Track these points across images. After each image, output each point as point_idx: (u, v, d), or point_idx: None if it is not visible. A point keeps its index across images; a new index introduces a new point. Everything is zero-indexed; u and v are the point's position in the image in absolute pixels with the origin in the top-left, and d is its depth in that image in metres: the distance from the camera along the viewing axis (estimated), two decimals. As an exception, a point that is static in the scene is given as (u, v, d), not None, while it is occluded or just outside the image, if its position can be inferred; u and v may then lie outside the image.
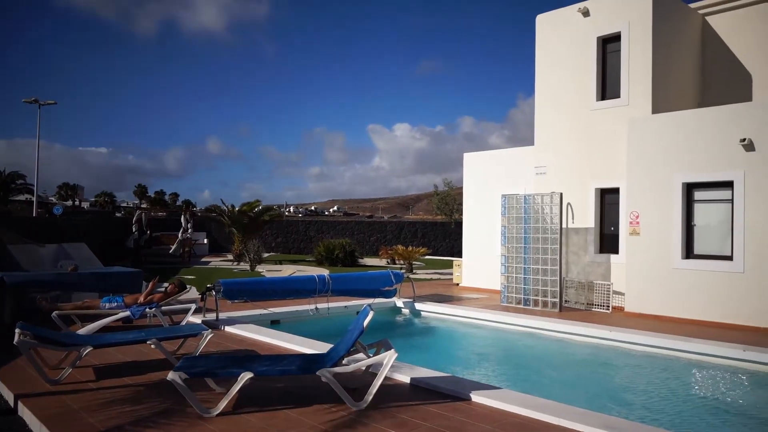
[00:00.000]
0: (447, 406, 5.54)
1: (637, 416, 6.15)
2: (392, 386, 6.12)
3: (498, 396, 5.66)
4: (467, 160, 16.91)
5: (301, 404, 5.53)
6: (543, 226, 12.63)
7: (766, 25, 13.07)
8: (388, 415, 5.24)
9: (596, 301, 12.43)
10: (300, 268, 21.90)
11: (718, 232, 10.85)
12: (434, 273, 21.70)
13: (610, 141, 12.70)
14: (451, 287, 16.47)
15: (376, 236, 36.79)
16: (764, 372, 7.81)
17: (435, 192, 46.88)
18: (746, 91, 13.29)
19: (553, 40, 13.97)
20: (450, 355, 9.46)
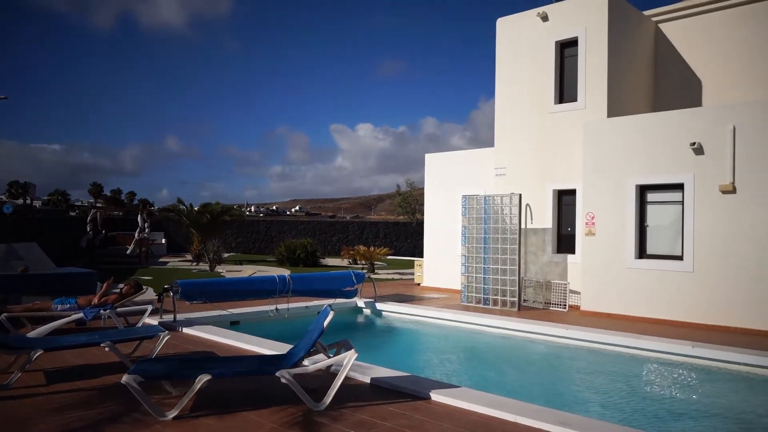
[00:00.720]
0: (407, 405, 5.57)
1: (592, 412, 6.31)
2: (352, 386, 6.13)
3: (457, 394, 5.72)
4: (429, 160, 17.04)
5: (260, 406, 5.49)
6: (502, 226, 12.83)
7: (714, 33, 13.55)
8: (347, 415, 5.24)
9: (554, 300, 12.69)
10: (261, 269, 21.69)
11: (670, 232, 11.21)
12: (396, 273, 21.78)
13: (567, 144, 12.99)
14: (413, 287, 16.57)
15: (338, 236, 36.72)
16: (711, 367, 8.11)
17: (397, 192, 47.07)
18: (696, 96, 13.77)
19: (513, 44, 14.20)
20: (410, 355, 9.52)
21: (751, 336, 9.61)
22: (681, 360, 8.43)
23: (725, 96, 13.21)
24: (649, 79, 14.21)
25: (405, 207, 44.69)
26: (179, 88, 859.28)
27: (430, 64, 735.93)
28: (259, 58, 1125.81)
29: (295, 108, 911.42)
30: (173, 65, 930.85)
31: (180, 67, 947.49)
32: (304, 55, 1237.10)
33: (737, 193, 10.21)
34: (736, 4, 13.24)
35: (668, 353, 8.59)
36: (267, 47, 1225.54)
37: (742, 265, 10.11)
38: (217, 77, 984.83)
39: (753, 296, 9.96)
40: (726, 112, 10.51)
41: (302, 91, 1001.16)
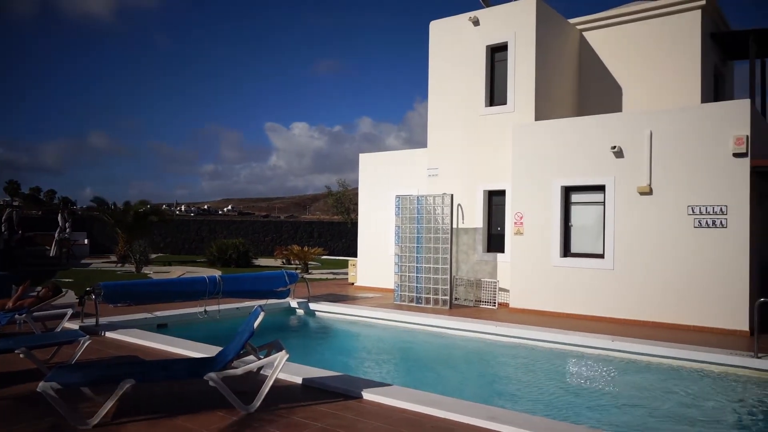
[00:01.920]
0: (338, 405, 5.56)
1: (521, 406, 6.50)
2: (284, 387, 6.06)
3: (389, 393, 5.77)
4: (363, 160, 17.08)
5: (187, 411, 5.33)
6: (435, 226, 13.03)
7: (631, 43, 14.28)
8: (278, 416, 5.18)
9: (484, 298, 13.00)
10: (190, 270, 21.09)
11: (592, 232, 11.71)
12: (330, 273, 21.69)
13: (497, 145, 13.33)
14: (346, 287, 16.56)
15: (271, 236, 36.22)
16: (630, 360, 8.54)
17: (328, 193, 46.91)
18: (617, 102, 14.46)
19: (445, 47, 14.45)
20: (344, 355, 9.51)
21: (665, 329, 10.18)
22: (602, 353, 8.82)
23: (643, 102, 13.94)
24: (574, 84, 14.80)
25: (338, 207, 44.61)
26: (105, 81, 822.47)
27: (367, 63, 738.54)
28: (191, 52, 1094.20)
29: (228, 105, 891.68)
30: (99, 57, 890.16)
31: (106, 60, 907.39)
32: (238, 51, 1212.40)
33: (653, 195, 10.79)
34: (649, 16, 14.03)
35: (591, 347, 8.98)
36: (198, 42, 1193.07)
37: (657, 262, 10.69)
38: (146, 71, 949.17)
39: (667, 292, 10.55)
40: (643, 117, 11.09)
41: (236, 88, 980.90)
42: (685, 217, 10.44)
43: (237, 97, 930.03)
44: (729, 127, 10.11)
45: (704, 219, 10.23)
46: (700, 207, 10.28)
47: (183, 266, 22.89)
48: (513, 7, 13.31)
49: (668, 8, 13.77)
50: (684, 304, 10.38)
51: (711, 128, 10.29)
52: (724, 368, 7.87)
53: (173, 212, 55.78)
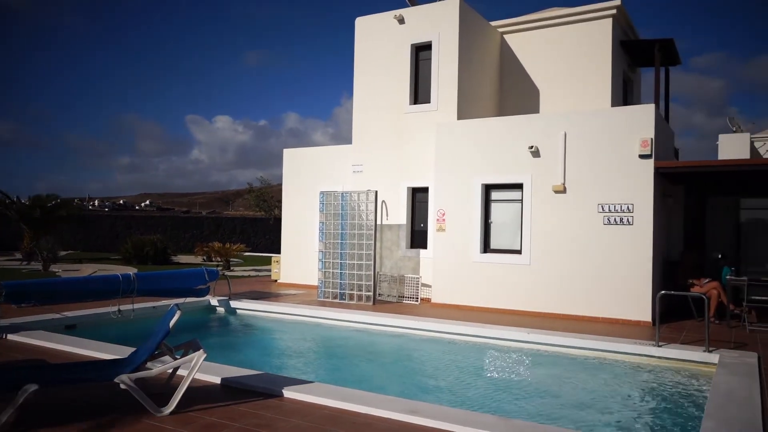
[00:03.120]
0: (258, 404, 5.47)
1: (441, 399, 6.64)
2: (201, 388, 5.90)
3: (310, 390, 5.73)
4: (287, 156, 16.86)
5: (97, 415, 5.08)
6: (359, 222, 13.06)
7: (549, 46, 14.85)
8: (195, 418, 5.03)
9: (407, 294, 13.17)
10: (103, 267, 20.11)
11: (510, 228, 12.11)
12: (252, 270, 21.31)
13: (421, 143, 13.52)
14: (269, 284, 16.32)
15: (191, 232, 35.14)
16: (544, 351, 8.90)
17: (249, 189, 46.02)
18: (535, 103, 15.01)
19: (371, 44, 14.49)
20: (265, 353, 9.37)
21: (578, 322, 10.69)
22: (519, 346, 9.15)
23: (559, 104, 14.53)
24: (495, 85, 15.23)
25: (260, 203, 43.85)
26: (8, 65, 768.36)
27: (295, 58, 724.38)
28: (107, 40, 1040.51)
29: (146, 95, 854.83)
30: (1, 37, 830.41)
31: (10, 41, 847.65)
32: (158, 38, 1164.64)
33: (567, 193, 11.29)
34: (565, 22, 14.64)
35: (507, 340, 9.30)
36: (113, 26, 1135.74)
37: (570, 258, 11.20)
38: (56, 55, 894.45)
39: (579, 286, 11.08)
40: (558, 119, 11.57)
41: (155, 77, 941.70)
42: (595, 215, 10.98)
43: (156, 87, 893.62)
44: (636, 130, 10.72)
45: (613, 216, 10.81)
46: (609, 205, 10.85)
47: (95, 264, 21.80)
48: (437, 7, 13.53)
49: (582, 15, 14.42)
50: (594, 298, 10.93)
51: (619, 131, 10.88)
52: (629, 357, 8.35)
53: (86, 207, 52.94)
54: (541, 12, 15.47)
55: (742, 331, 9.92)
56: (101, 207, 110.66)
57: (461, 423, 4.86)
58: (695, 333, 9.50)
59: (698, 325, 10.16)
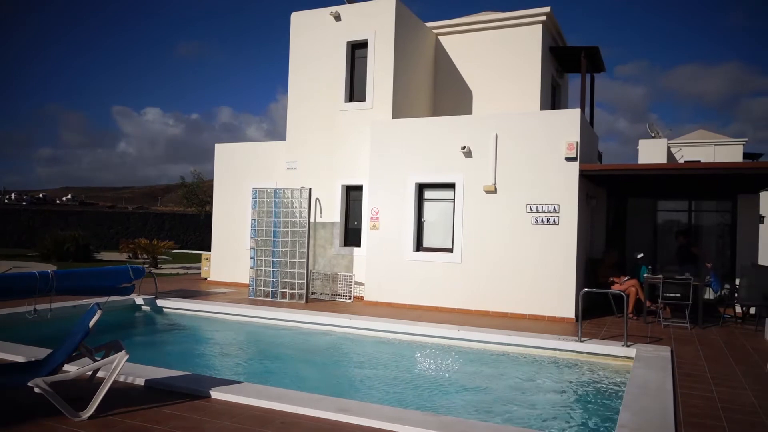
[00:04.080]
0: (184, 405, 5.32)
1: (372, 396, 6.66)
2: (123, 390, 5.67)
3: (238, 390, 5.62)
4: (219, 151, 16.46)
5: (10, 423, 4.79)
6: (292, 219, 12.92)
7: (482, 49, 15.18)
8: (115, 422, 4.83)
9: (340, 292, 13.15)
10: (18, 264, 19.00)
11: (443, 227, 12.30)
12: (181, 267, 20.71)
13: (356, 141, 13.52)
14: (199, 282, 15.91)
15: (117, 228, 33.78)
16: (473, 348, 9.10)
17: (182, 183, 44.70)
18: (468, 104, 15.31)
19: (306, 39, 14.35)
20: (193, 353, 9.11)
21: (507, 319, 10.99)
22: (449, 343, 9.31)
23: (491, 106, 14.89)
24: (430, 85, 15.42)
25: (192, 199, 42.67)
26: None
27: (230, 51, 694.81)
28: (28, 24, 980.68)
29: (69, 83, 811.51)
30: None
31: None
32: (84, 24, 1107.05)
33: (497, 193, 11.57)
34: (498, 26, 15.04)
35: (439, 337, 9.44)
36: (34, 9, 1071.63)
37: (499, 257, 11.49)
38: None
39: (508, 284, 11.39)
40: (490, 120, 11.84)
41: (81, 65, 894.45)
42: (524, 215, 11.32)
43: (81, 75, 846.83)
44: (562, 134, 11.11)
45: (540, 216, 11.17)
46: (537, 206, 11.21)
47: (10, 261, 20.57)
48: (373, 5, 13.56)
49: (514, 21, 14.83)
50: (522, 295, 11.26)
51: (547, 134, 11.25)
52: (554, 352, 8.66)
53: (0, 200, 49.90)
54: (475, 15, 15.79)
55: (658, 327, 10.49)
56: (18, 200, 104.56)
57: (390, 420, 4.89)
58: (615, 328, 9.96)
59: (618, 321, 10.66)
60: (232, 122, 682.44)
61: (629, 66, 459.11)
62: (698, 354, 8.27)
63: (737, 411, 5.64)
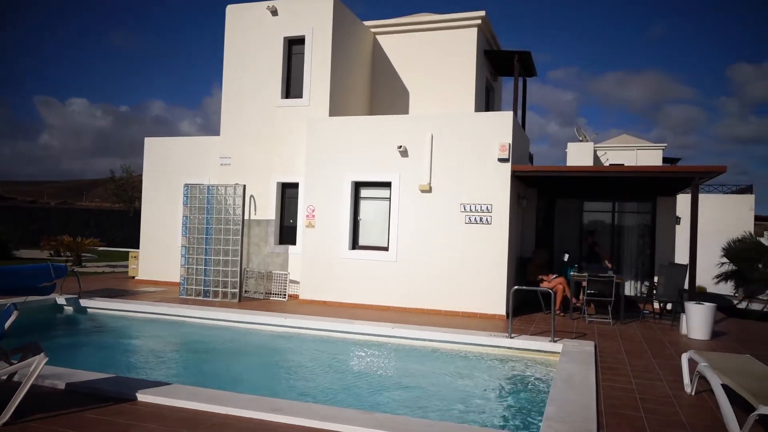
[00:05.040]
0: (109, 409, 5.12)
1: (306, 395, 6.62)
2: (43, 395, 5.40)
3: (166, 392, 5.46)
4: (149, 145, 15.91)
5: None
6: (226, 217, 12.66)
7: (418, 50, 15.36)
8: (34, 429, 4.60)
9: (274, 290, 13.00)
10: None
11: (379, 226, 12.37)
12: (107, 266, 19.92)
13: (292, 138, 13.39)
14: (126, 281, 15.34)
15: (38, 225, 32.05)
16: (408, 345, 9.20)
17: (111, 178, 42.93)
18: (405, 104, 15.44)
19: (242, 33, 14.08)
20: (119, 355, 8.78)
21: (441, 316, 11.18)
22: (384, 340, 9.38)
23: (427, 106, 15.08)
24: (367, 83, 15.45)
25: (121, 195, 41.04)
26: None
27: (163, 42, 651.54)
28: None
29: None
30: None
31: None
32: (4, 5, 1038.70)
33: (432, 193, 11.74)
34: (434, 28, 15.25)
35: (374, 335, 9.49)
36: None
37: (434, 255, 11.67)
38: None
39: (442, 282, 11.58)
40: (426, 120, 12.00)
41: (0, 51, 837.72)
42: (458, 214, 11.54)
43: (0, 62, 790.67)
44: (495, 135, 11.40)
45: (473, 216, 11.42)
46: (470, 205, 11.45)
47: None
48: (311, 2, 13.44)
49: (450, 23, 15.07)
50: (455, 293, 11.48)
51: (481, 135, 11.51)
52: (485, 348, 8.87)
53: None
54: (412, 16, 15.95)
55: (583, 322, 10.94)
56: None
57: (325, 419, 4.89)
58: (543, 324, 10.31)
59: (546, 318, 11.05)
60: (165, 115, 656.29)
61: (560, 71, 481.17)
62: (619, 348, 8.68)
63: (653, 401, 5.96)
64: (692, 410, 5.72)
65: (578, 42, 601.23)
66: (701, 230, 12.20)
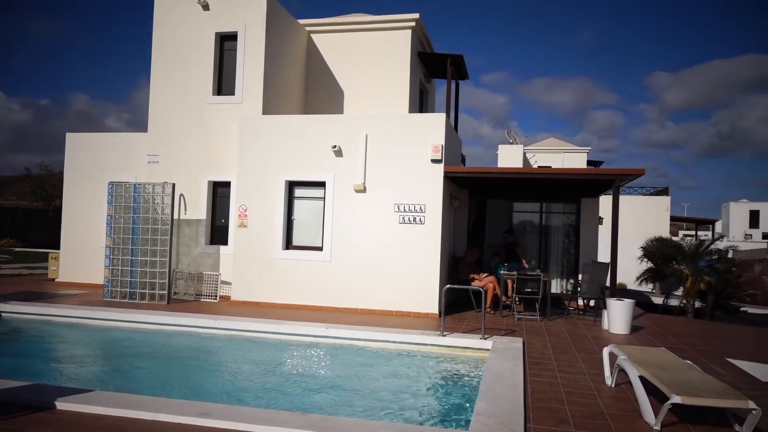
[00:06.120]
0: (25, 419, 4.86)
1: (237, 398, 6.50)
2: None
3: (88, 400, 5.24)
4: (71, 141, 15.16)
5: None
6: (154, 216, 12.24)
7: (353, 50, 15.37)
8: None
9: (205, 292, 12.69)
10: None
11: (313, 225, 12.30)
12: (24, 267, 18.85)
13: (224, 136, 13.10)
14: (46, 283, 14.57)
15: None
16: (341, 345, 9.19)
17: (27, 175, 40.65)
18: (340, 104, 15.42)
19: (172, 27, 13.65)
20: (37, 362, 8.32)
21: (375, 316, 11.23)
22: (318, 341, 9.34)
23: (361, 106, 15.11)
24: (301, 82, 15.32)
25: (39, 193, 38.93)
26: None
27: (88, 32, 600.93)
28: None
29: None
30: None
31: None
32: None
33: (367, 193, 11.79)
34: (369, 29, 15.29)
35: (307, 336, 9.44)
36: None
37: (368, 255, 11.71)
38: None
39: (376, 282, 11.63)
40: (360, 121, 12.03)
41: None
42: (392, 214, 11.63)
43: None
44: (429, 136, 11.56)
45: (407, 216, 11.54)
46: (404, 205, 11.57)
47: None
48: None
49: (384, 24, 15.16)
50: (390, 292, 11.56)
51: (415, 136, 11.65)
52: (418, 347, 8.99)
53: None
54: (347, 16, 15.94)
55: (512, 319, 11.26)
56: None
57: (256, 421, 4.82)
58: (474, 322, 10.55)
59: (477, 315, 11.31)
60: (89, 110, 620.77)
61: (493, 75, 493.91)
62: (546, 344, 9.01)
63: (576, 394, 6.22)
64: (612, 401, 6.01)
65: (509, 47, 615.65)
66: (622, 230, 12.83)
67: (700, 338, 10.11)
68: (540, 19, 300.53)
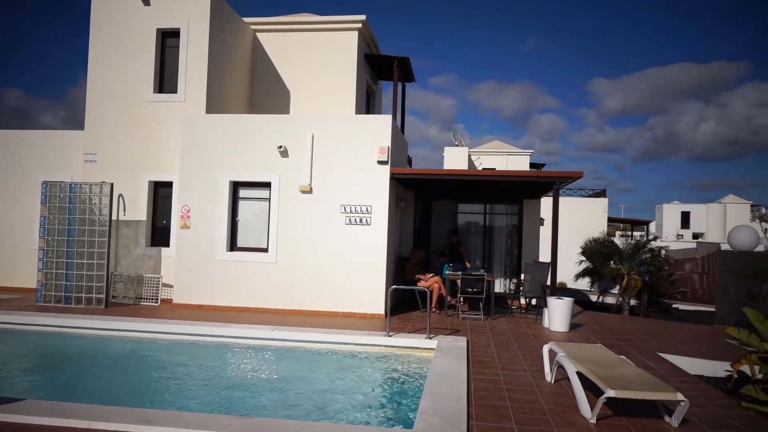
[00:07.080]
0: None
1: (179, 404, 6.35)
2: None
3: (19, 408, 5.02)
4: (0, 138, 14.44)
5: None
6: (91, 217, 11.82)
7: (300, 50, 15.28)
8: None
9: (145, 295, 12.33)
10: None
11: (258, 227, 12.14)
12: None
13: (165, 135, 12.77)
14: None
15: None
16: (286, 347, 9.12)
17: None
18: (286, 103, 15.29)
19: (111, 22, 13.20)
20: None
21: (321, 317, 11.19)
22: (263, 343, 9.23)
23: (308, 107, 15.04)
24: (246, 81, 15.11)
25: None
26: None
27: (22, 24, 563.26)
28: None
29: None
30: None
31: None
32: None
33: (313, 194, 11.73)
34: (316, 29, 15.27)
35: (251, 338, 9.31)
36: None
37: (314, 256, 11.66)
38: None
39: (323, 283, 11.59)
40: (306, 121, 11.96)
41: None
42: (338, 215, 11.62)
43: None
44: (375, 138, 11.62)
45: (353, 217, 11.56)
46: (350, 206, 11.58)
47: None
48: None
49: (331, 25, 15.15)
50: (336, 293, 11.54)
51: (361, 137, 11.68)
52: (364, 347, 9.01)
53: None
54: (293, 16, 15.83)
55: (457, 319, 11.45)
56: None
57: (196, 427, 4.74)
58: (420, 322, 10.66)
59: (423, 315, 11.43)
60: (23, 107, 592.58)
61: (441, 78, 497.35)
62: (489, 342, 9.20)
63: (518, 390, 6.39)
64: (551, 397, 6.20)
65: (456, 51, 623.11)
66: (562, 231, 13.23)
67: (634, 334, 10.55)
68: (489, 24, 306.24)
